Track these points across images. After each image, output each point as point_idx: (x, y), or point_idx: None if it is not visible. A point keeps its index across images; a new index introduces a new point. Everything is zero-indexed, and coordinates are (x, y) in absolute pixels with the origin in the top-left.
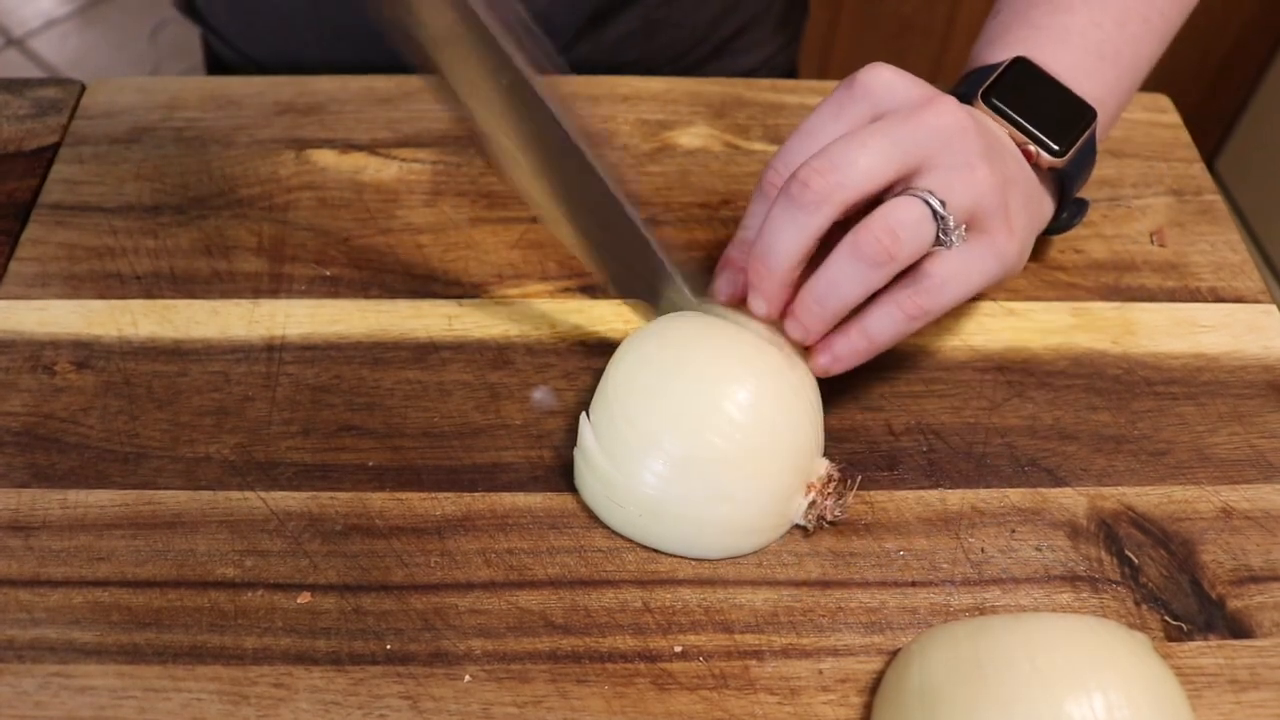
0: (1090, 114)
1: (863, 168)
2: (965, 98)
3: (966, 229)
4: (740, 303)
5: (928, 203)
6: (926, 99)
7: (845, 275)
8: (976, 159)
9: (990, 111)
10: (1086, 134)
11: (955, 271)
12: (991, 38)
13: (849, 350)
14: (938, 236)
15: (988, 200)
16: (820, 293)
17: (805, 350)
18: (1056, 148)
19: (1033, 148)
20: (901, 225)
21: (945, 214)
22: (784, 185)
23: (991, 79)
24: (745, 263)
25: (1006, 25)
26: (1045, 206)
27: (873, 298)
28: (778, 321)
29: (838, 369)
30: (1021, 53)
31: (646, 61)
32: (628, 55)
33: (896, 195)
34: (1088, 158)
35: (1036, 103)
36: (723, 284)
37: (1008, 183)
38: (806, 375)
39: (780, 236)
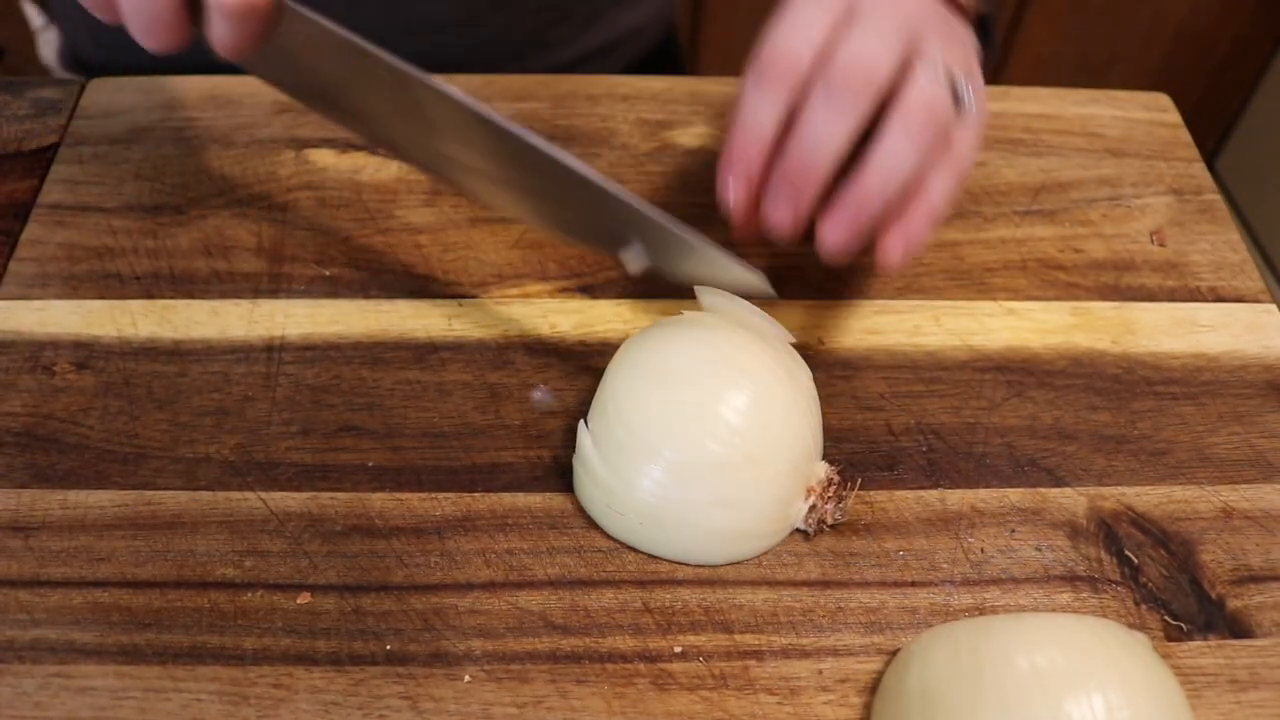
0: None
1: (885, 55)
2: None
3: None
4: (753, 208)
5: (939, 75)
6: None
7: (900, 160)
8: (949, 35)
9: None
10: None
11: (968, 134)
12: None
13: (919, 228)
14: (957, 101)
15: (963, 68)
16: (877, 182)
17: (867, 250)
18: None
19: None
20: (935, 99)
21: (958, 80)
22: (821, 82)
23: None
24: (755, 156)
25: None
26: (975, 48)
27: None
28: (794, 238)
29: (914, 253)
30: None
31: (554, 8)
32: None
33: (907, 78)
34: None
35: None
36: (734, 185)
37: (964, 46)
38: (805, 377)
39: (828, 132)
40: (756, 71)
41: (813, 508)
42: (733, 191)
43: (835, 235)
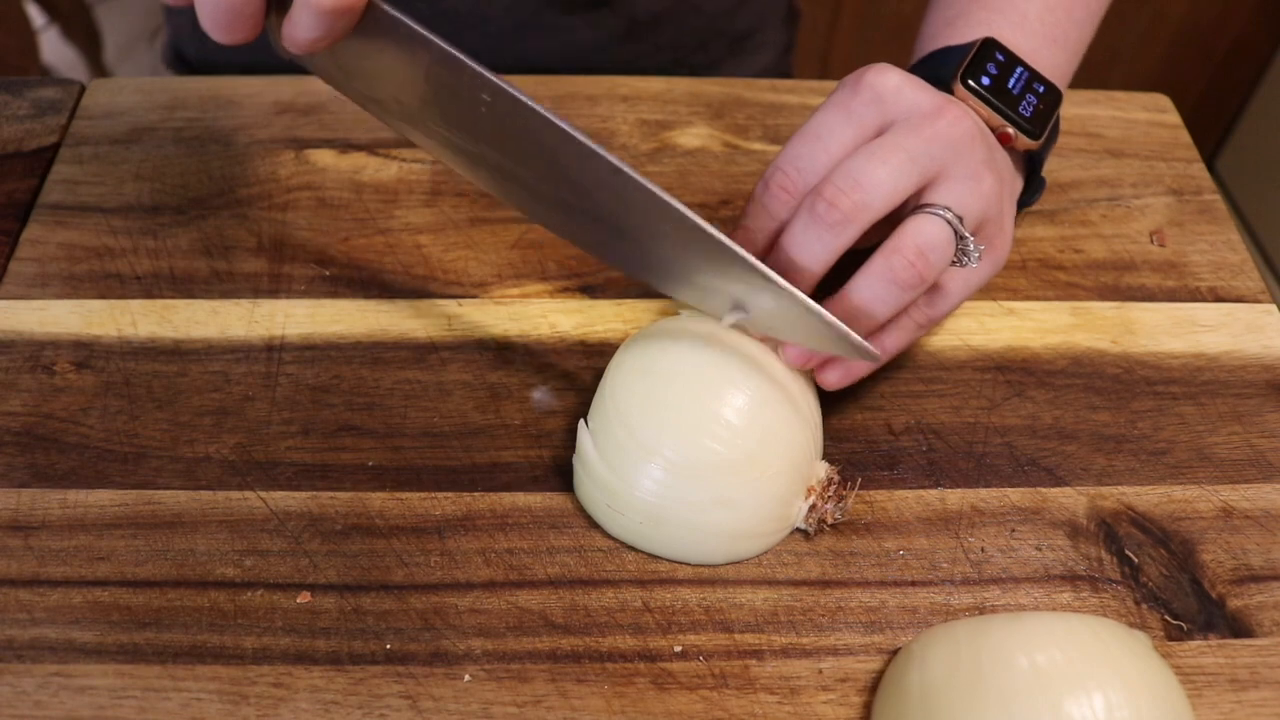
0: (1058, 95)
1: (887, 186)
2: (941, 81)
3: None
4: None
5: (949, 222)
6: (936, 108)
7: (878, 298)
8: (983, 168)
9: (969, 94)
10: (1056, 115)
11: (963, 280)
12: (950, 18)
13: (862, 366)
14: (957, 254)
15: (991, 209)
16: (849, 314)
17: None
18: (1035, 132)
19: (1011, 131)
20: (931, 247)
21: (965, 234)
22: (807, 202)
23: (966, 61)
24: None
25: (963, 8)
26: (1019, 188)
27: None
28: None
29: (848, 383)
30: (984, 35)
31: (669, 51)
32: (654, 38)
33: (917, 212)
34: (1054, 137)
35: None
36: None
37: (1003, 185)
38: (805, 377)
39: (804, 254)
40: (766, 178)
41: (813, 507)
42: None
43: (789, 356)
